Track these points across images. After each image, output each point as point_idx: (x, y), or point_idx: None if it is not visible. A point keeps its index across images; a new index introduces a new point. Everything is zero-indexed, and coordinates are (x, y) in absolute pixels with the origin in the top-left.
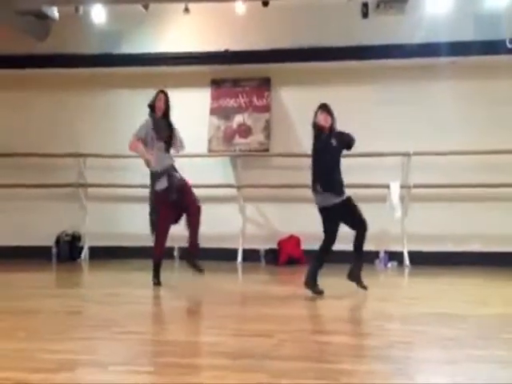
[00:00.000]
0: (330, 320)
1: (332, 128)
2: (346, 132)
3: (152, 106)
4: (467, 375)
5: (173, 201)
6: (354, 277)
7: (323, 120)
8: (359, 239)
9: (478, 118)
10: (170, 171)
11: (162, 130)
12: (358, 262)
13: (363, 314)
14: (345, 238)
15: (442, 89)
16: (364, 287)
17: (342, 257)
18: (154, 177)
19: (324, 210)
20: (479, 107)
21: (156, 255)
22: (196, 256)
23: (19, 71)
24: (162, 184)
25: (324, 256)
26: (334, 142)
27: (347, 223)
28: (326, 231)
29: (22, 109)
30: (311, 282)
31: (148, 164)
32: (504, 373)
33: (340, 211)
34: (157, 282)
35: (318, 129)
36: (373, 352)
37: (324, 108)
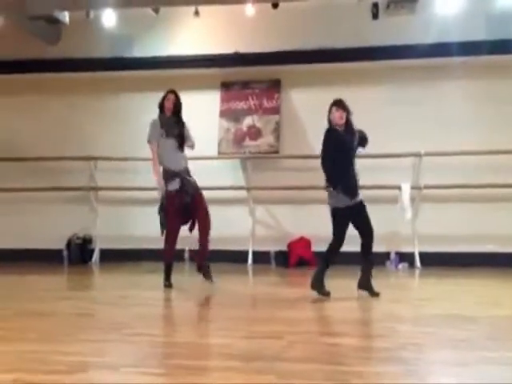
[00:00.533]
0: (340, 322)
1: (348, 123)
2: (362, 132)
3: (161, 106)
4: (478, 377)
5: (184, 203)
6: (365, 285)
7: (338, 117)
8: (367, 245)
9: (490, 118)
10: (183, 174)
11: (171, 127)
12: (368, 269)
13: (373, 316)
14: (353, 240)
15: (453, 89)
16: (376, 295)
17: (350, 258)
18: (167, 176)
19: (336, 211)
20: (491, 107)
21: (166, 257)
22: (204, 268)
23: (30, 75)
24: (174, 185)
25: (331, 258)
26: (349, 139)
27: (357, 226)
28: (335, 233)
29: (34, 113)
30: (317, 284)
31: (156, 182)
32: None
33: (351, 213)
34: (168, 285)
35: (332, 125)
36: (383, 353)
37: (339, 104)
